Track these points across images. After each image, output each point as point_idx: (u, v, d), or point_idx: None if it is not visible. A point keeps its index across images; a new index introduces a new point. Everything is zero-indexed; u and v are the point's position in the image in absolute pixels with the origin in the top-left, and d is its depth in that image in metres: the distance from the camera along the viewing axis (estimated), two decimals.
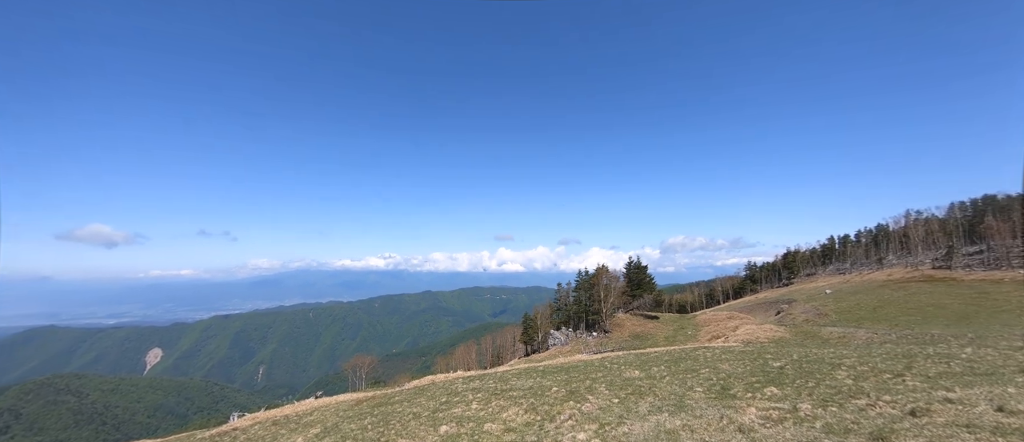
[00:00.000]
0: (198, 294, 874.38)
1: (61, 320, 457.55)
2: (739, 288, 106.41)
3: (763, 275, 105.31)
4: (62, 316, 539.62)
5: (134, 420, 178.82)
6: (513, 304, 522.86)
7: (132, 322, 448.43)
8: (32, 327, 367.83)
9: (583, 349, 48.94)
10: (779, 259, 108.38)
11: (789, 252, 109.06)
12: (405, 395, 18.44)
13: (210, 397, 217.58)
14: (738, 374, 14.57)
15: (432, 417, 12.03)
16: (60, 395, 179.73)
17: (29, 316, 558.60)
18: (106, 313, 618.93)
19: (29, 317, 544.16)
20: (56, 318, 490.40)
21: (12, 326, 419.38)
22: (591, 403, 11.92)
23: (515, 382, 17.31)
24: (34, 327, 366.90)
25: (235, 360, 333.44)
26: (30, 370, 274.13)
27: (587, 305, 65.44)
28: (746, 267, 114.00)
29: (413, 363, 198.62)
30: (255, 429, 15.56)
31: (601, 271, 66.03)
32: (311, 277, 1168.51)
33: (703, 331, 52.06)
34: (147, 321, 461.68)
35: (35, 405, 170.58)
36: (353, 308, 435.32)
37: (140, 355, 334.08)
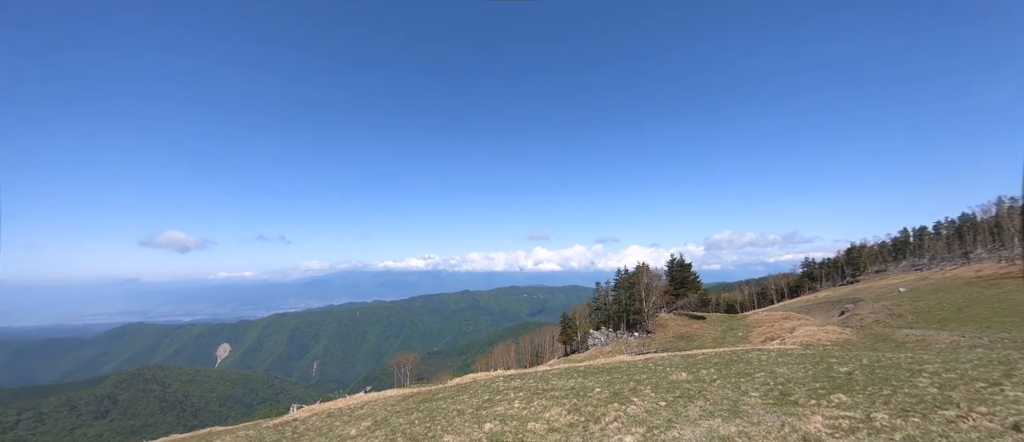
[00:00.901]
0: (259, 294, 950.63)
1: (147, 317, 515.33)
2: (795, 287, 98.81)
3: (823, 272, 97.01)
4: (148, 314, 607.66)
5: (208, 408, 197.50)
6: (550, 304, 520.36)
7: (204, 319, 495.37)
8: (124, 323, 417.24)
9: (624, 350, 47.66)
10: (842, 255, 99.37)
11: (854, 247, 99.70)
12: (448, 392, 18.89)
13: (271, 389, 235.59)
14: (798, 379, 13.53)
15: (476, 414, 12.24)
16: (148, 384, 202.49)
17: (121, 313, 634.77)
18: (183, 311, 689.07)
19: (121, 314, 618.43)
20: (143, 315, 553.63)
21: (108, 322, 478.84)
22: (636, 405, 11.58)
23: (556, 382, 17.19)
24: (126, 323, 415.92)
25: (292, 355, 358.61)
26: (124, 361, 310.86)
27: (627, 305, 63.65)
28: (803, 264, 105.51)
29: (454, 361, 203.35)
30: (312, 420, 16.62)
31: (641, 269, 63.94)
32: (356, 277, 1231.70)
33: (755, 332, 48.89)
34: (217, 319, 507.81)
35: (129, 392, 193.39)
36: (396, 307, 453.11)
37: (212, 349, 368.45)
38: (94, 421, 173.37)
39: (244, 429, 19.08)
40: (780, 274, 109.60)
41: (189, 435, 25.13)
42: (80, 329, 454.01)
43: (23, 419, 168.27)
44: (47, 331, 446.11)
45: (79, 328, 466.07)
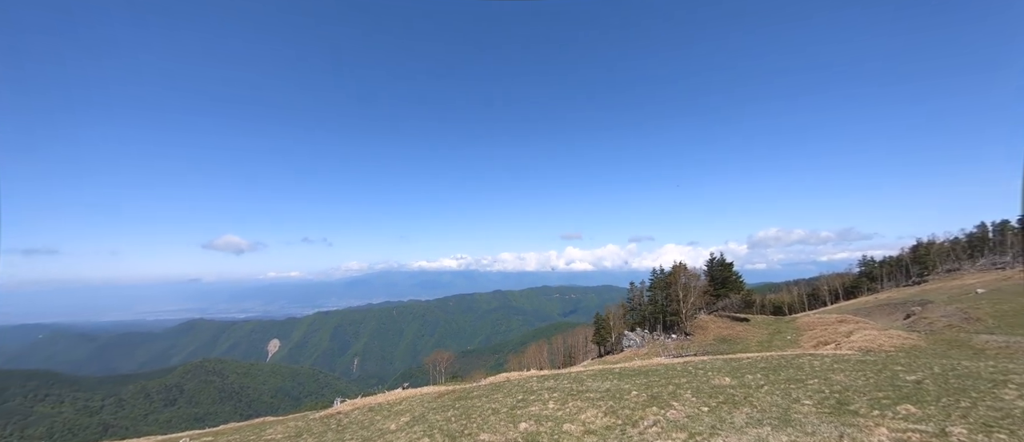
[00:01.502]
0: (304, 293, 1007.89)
1: (207, 314, 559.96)
2: (851, 287, 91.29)
3: (883, 272, 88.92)
4: (208, 311, 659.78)
5: (261, 399, 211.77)
6: (583, 304, 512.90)
7: (256, 317, 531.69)
8: (188, 319, 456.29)
9: (661, 352, 46.11)
10: (906, 253, 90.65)
11: (920, 244, 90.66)
12: (483, 391, 19.10)
13: (317, 383, 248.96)
14: (858, 387, 12.49)
15: (510, 414, 12.29)
16: (209, 376, 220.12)
17: (186, 310, 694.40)
18: (238, 309, 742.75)
19: (186, 311, 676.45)
20: (204, 312, 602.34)
21: (175, 318, 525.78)
22: (677, 410, 11.17)
23: (591, 383, 16.92)
24: (190, 319, 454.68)
25: (335, 351, 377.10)
26: (189, 354, 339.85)
27: (664, 305, 61.56)
28: (860, 262, 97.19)
29: (487, 360, 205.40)
30: (355, 413, 17.38)
31: (678, 269, 61.60)
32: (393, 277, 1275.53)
33: (806, 336, 45.67)
34: (267, 316, 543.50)
35: (193, 383, 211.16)
36: (430, 307, 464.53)
37: (263, 344, 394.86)
38: (164, 408, 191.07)
39: (293, 420, 20.28)
40: (834, 274, 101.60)
41: (245, 424, 27.05)
42: (151, 324, 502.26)
43: (106, 404, 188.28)
44: (126, 326, 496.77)
45: (151, 323, 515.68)
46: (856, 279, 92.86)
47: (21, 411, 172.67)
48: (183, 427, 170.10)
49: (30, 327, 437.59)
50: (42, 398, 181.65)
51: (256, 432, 16.60)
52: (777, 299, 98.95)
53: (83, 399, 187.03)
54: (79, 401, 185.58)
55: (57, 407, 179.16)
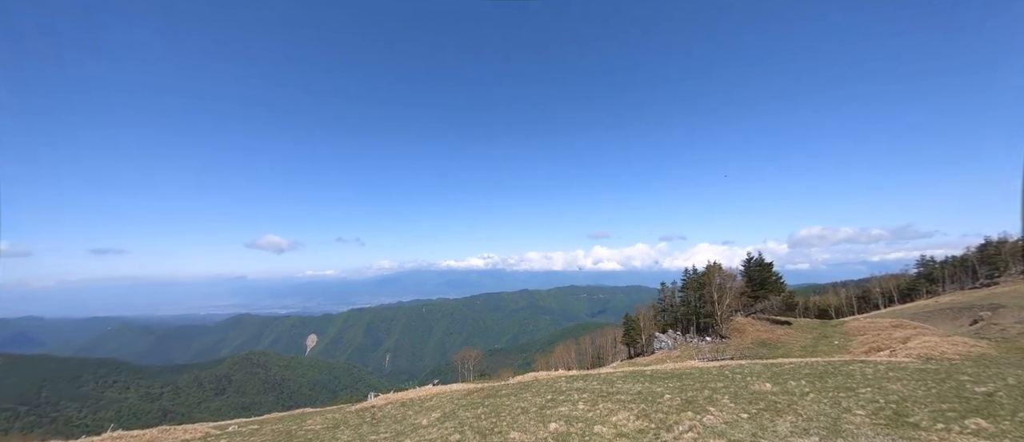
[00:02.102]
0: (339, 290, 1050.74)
1: (252, 310, 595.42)
2: (908, 289, 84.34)
3: (946, 273, 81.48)
4: (252, 306, 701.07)
5: (300, 391, 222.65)
6: (611, 304, 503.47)
7: (296, 313, 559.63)
8: (235, 314, 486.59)
9: (695, 355, 44.53)
10: (972, 252, 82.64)
11: (990, 242, 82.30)
12: (511, 390, 19.17)
13: (351, 377, 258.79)
14: (918, 398, 11.52)
15: (540, 414, 12.26)
16: (254, 368, 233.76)
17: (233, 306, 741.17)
18: (279, 305, 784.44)
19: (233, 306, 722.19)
20: (249, 308, 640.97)
21: (224, 313, 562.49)
22: (714, 416, 10.74)
23: (621, 385, 16.59)
24: (237, 314, 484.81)
25: (368, 347, 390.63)
26: (236, 347, 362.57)
27: (697, 307, 59.34)
28: (918, 263, 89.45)
29: (514, 359, 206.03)
30: (388, 408, 17.92)
31: (713, 269, 59.17)
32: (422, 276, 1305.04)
33: (856, 341, 42.68)
34: (305, 312, 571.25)
35: (240, 374, 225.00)
36: (458, 305, 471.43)
37: (302, 339, 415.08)
38: (215, 397, 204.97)
39: (331, 412, 21.19)
40: (887, 275, 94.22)
41: (286, 414, 28.54)
42: (203, 318, 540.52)
43: (165, 391, 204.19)
44: (181, 319, 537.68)
45: (202, 317, 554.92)
46: (913, 280, 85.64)
47: (94, 395, 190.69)
48: (231, 415, 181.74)
49: (100, 320, 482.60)
50: (111, 384, 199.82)
51: (297, 422, 17.46)
52: (822, 301, 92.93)
53: (145, 386, 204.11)
54: (142, 388, 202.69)
55: (123, 393, 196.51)
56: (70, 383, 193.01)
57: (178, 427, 21.30)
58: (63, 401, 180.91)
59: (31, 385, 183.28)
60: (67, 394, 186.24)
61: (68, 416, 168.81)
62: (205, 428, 19.98)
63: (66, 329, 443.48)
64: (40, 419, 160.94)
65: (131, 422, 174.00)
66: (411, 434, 11.76)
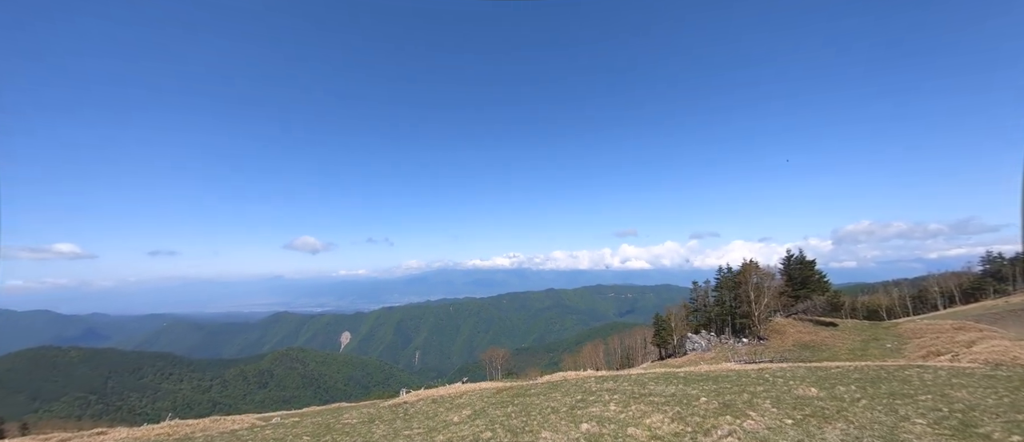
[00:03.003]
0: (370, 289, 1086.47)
1: (290, 308, 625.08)
2: (972, 289, 77.34)
3: (1017, 270, 74.05)
4: (290, 305, 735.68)
5: (335, 386, 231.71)
6: (640, 304, 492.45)
7: (330, 311, 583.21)
8: (275, 312, 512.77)
9: (731, 357, 42.76)
10: None
11: None
12: (540, 389, 19.11)
13: (383, 373, 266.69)
14: (987, 407, 10.54)
15: (570, 414, 12.15)
16: (293, 363, 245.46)
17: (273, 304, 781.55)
18: (315, 303, 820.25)
19: (273, 304, 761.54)
20: (287, 306, 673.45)
21: (265, 310, 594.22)
22: (755, 421, 10.26)
23: (654, 387, 16.17)
24: (276, 312, 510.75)
25: (398, 344, 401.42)
26: (276, 343, 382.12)
27: (732, 307, 57.00)
28: (983, 259, 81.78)
29: (541, 359, 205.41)
30: (420, 404, 18.32)
31: (749, 267, 56.59)
32: (449, 275, 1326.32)
33: (912, 345, 39.61)
34: (339, 310, 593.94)
35: (280, 369, 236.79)
36: (485, 304, 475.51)
37: (337, 336, 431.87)
38: (258, 390, 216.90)
39: (365, 407, 21.92)
40: (947, 273, 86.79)
41: (324, 408, 29.78)
42: (247, 315, 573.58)
43: (214, 384, 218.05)
44: (226, 316, 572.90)
45: (246, 314, 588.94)
46: (978, 279, 78.42)
47: (152, 386, 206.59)
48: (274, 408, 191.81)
49: (156, 316, 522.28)
50: (167, 376, 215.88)
51: (335, 416, 18.18)
52: (872, 302, 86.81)
53: (196, 379, 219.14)
54: (194, 380, 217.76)
55: (178, 384, 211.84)
56: (132, 375, 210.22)
57: (227, 418, 22.72)
58: (126, 391, 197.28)
59: (99, 376, 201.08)
60: (130, 385, 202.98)
61: (131, 405, 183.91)
62: (251, 419, 21.19)
63: (128, 325, 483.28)
64: (107, 407, 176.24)
65: (185, 412, 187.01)
66: (443, 430, 11.97)
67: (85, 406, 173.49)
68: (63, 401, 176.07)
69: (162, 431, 18.44)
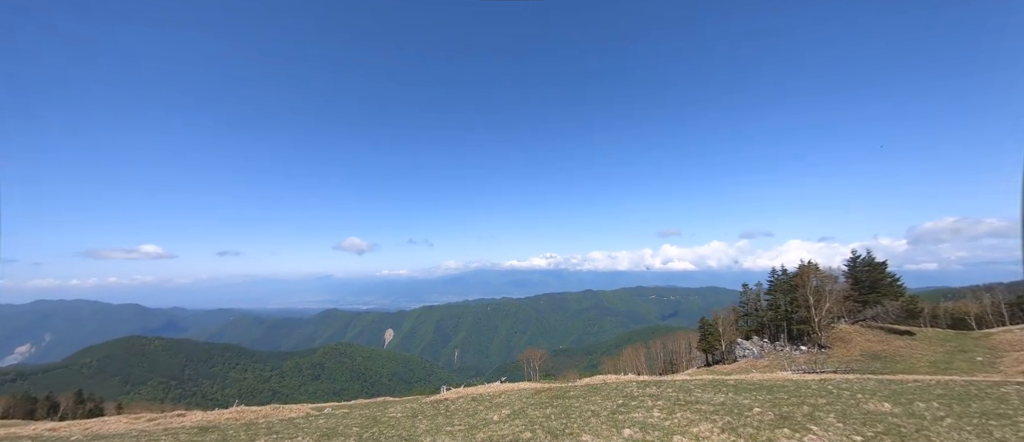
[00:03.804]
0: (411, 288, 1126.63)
1: (339, 305, 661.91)
2: None
3: None
4: (339, 302, 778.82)
5: (380, 381, 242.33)
6: (684, 306, 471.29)
7: (375, 308, 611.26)
8: (326, 309, 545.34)
9: (787, 366, 39.74)
10: None
11: None
12: (579, 391, 18.84)
13: (424, 370, 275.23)
14: None
15: (612, 418, 11.86)
16: (342, 358, 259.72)
17: (323, 301, 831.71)
18: (361, 301, 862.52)
19: (323, 302, 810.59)
20: (336, 303, 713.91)
21: (316, 307, 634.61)
22: (817, 436, 9.47)
23: (700, 394, 15.39)
24: (326, 309, 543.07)
25: (438, 342, 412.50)
26: (327, 338, 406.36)
27: (789, 312, 52.93)
28: None
29: (579, 361, 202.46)
30: (460, 402, 18.70)
31: (807, 269, 52.32)
32: (486, 276, 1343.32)
33: (1009, 358, 34.73)
34: (383, 308, 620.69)
35: (330, 362, 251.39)
36: (522, 305, 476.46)
37: (380, 333, 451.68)
38: (311, 381, 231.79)
39: (408, 402, 22.75)
40: None
41: (370, 401, 31.27)
42: (301, 311, 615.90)
43: (273, 375, 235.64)
44: (283, 312, 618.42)
45: (300, 311, 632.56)
46: None
47: (221, 375, 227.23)
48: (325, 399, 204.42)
49: (224, 311, 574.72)
50: (233, 366, 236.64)
51: (381, 409, 19.02)
52: (957, 308, 76.80)
53: (258, 369, 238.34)
54: (256, 370, 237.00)
55: (242, 374, 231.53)
56: (205, 364, 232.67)
57: (285, 406, 24.50)
58: (200, 378, 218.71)
59: (178, 364, 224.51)
60: (202, 373, 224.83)
61: (204, 391, 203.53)
62: (306, 409, 22.70)
63: (201, 318, 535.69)
64: (184, 392, 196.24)
65: (248, 399, 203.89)
66: (483, 428, 12.13)
67: (166, 390, 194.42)
68: (149, 385, 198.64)
69: (230, 416, 20.26)
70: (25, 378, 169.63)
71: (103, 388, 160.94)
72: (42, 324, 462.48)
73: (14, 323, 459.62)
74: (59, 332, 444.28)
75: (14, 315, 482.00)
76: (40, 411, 71.25)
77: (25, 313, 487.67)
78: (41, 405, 73.64)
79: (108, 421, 21.25)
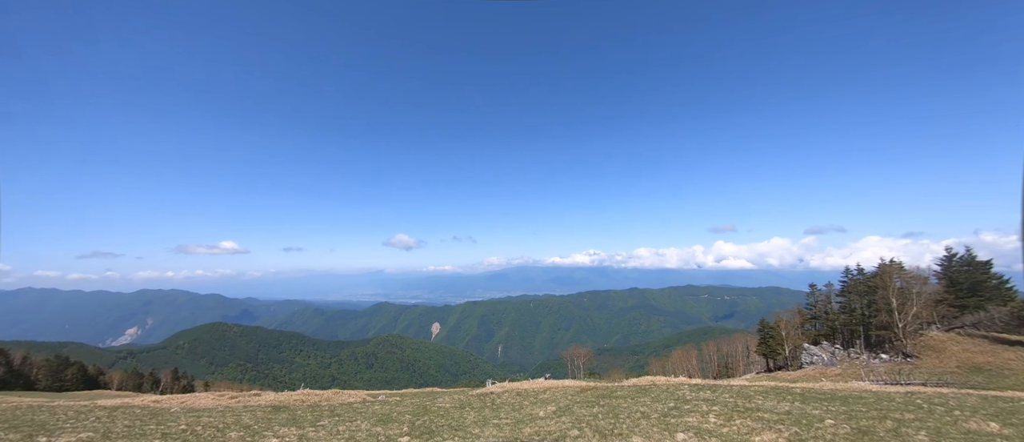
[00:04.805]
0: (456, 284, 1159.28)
1: (389, 298, 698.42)
2: None
3: None
4: (389, 296, 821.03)
5: (428, 372, 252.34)
6: (740, 307, 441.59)
7: (422, 302, 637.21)
8: (378, 302, 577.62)
9: (865, 375, 35.83)
10: None
11: None
12: (627, 392, 18.33)
13: (469, 363, 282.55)
14: None
15: (663, 421, 11.41)
16: (392, 349, 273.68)
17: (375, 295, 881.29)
18: (409, 296, 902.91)
19: (376, 295, 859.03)
20: (387, 297, 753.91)
21: (369, 300, 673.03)
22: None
23: (762, 402, 14.33)
24: (378, 302, 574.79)
25: (482, 337, 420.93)
26: (379, 330, 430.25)
27: (866, 316, 47.63)
28: None
29: (626, 360, 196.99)
30: (505, 396, 18.98)
31: (890, 269, 46.68)
32: (528, 272, 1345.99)
33: None
34: (430, 302, 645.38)
35: (382, 353, 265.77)
36: (565, 302, 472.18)
37: (428, 326, 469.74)
38: (366, 369, 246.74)
39: (455, 393, 23.49)
40: None
41: (419, 391, 32.68)
42: (355, 304, 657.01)
43: (332, 362, 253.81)
44: (340, 304, 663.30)
45: (355, 303, 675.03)
46: None
47: (289, 360, 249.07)
48: (378, 387, 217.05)
49: (289, 302, 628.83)
50: (298, 352, 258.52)
51: (430, 399, 19.83)
52: None
53: (319, 356, 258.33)
54: (317, 357, 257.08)
55: (306, 360, 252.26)
56: (274, 349, 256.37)
57: (344, 391, 26.32)
58: (271, 362, 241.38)
59: (252, 349, 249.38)
60: (273, 357, 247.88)
61: (274, 374, 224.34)
62: (362, 395, 24.24)
63: (271, 308, 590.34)
64: (258, 374, 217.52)
65: (312, 383, 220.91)
66: (529, 424, 12.21)
67: (244, 372, 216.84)
68: (230, 366, 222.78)
69: (298, 398, 22.17)
70: (134, 356, 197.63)
71: (193, 367, 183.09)
72: (145, 310, 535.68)
73: (123, 309, 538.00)
74: (158, 317, 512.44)
75: (123, 302, 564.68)
76: (145, 385, 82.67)
77: (132, 301, 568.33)
78: (146, 380, 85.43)
79: (199, 397, 24.18)
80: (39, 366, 74.07)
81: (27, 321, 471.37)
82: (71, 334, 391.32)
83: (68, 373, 73.74)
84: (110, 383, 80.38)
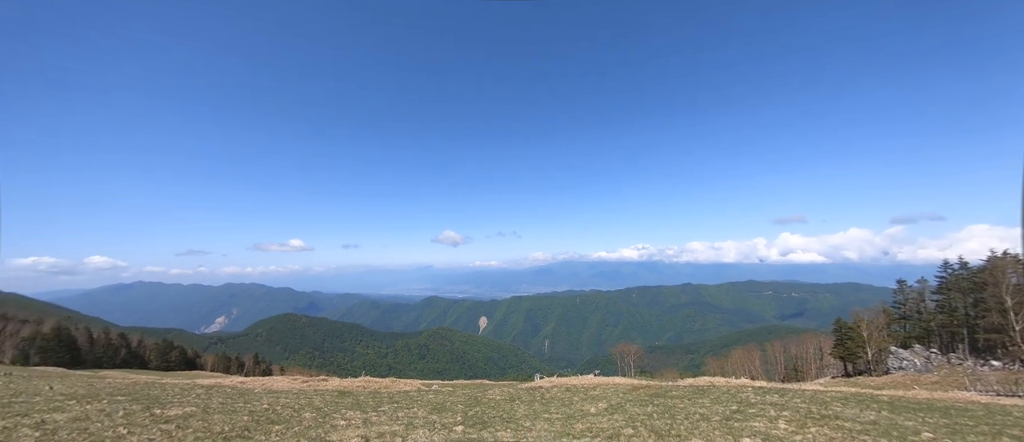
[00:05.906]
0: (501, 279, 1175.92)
1: (439, 293, 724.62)
2: None
3: None
4: (439, 291, 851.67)
5: (477, 364, 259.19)
6: (811, 305, 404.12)
7: (470, 297, 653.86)
8: (428, 296, 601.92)
9: (971, 384, 31.14)
10: None
11: None
12: (682, 392, 17.50)
13: (516, 357, 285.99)
14: None
15: (725, 424, 10.74)
16: (442, 341, 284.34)
17: (426, 289, 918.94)
18: (458, 290, 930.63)
19: (426, 290, 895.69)
20: (437, 291, 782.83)
21: (420, 294, 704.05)
22: None
23: (840, 409, 12.99)
24: (428, 297, 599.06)
25: (528, 332, 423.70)
26: (430, 323, 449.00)
27: (970, 316, 41.34)
28: None
29: (679, 359, 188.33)
30: (554, 391, 18.97)
31: (1002, 263, 39.97)
32: (574, 267, 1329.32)
33: None
34: (477, 297, 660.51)
35: (433, 345, 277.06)
36: (612, 297, 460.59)
37: (475, 320, 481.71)
38: (418, 360, 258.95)
39: (505, 386, 23.89)
40: None
41: (470, 382, 33.66)
42: (407, 298, 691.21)
43: (388, 352, 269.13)
44: (393, 298, 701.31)
45: (407, 297, 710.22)
46: None
47: (350, 349, 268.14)
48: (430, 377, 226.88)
49: (349, 296, 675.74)
50: (358, 342, 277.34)
51: (480, 391, 20.36)
52: None
53: (377, 346, 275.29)
54: (375, 347, 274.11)
55: (366, 349, 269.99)
56: (338, 339, 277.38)
57: (400, 380, 27.87)
58: (335, 351, 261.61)
59: (318, 338, 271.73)
60: (336, 347, 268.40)
61: (337, 362, 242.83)
62: (417, 384, 25.50)
63: (333, 301, 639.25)
64: (325, 362, 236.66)
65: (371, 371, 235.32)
66: (581, 420, 12.10)
67: (312, 359, 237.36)
68: (300, 353, 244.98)
69: (360, 384, 23.84)
70: (223, 342, 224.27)
71: (270, 353, 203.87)
72: (230, 302, 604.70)
73: (213, 301, 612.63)
74: (241, 308, 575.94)
75: (212, 294, 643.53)
76: (233, 367, 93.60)
77: (219, 293, 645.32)
78: (233, 363, 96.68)
79: (276, 380, 26.87)
80: (150, 349, 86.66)
81: (141, 310, 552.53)
82: (173, 321, 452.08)
83: (172, 355, 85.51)
84: (205, 365, 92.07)
